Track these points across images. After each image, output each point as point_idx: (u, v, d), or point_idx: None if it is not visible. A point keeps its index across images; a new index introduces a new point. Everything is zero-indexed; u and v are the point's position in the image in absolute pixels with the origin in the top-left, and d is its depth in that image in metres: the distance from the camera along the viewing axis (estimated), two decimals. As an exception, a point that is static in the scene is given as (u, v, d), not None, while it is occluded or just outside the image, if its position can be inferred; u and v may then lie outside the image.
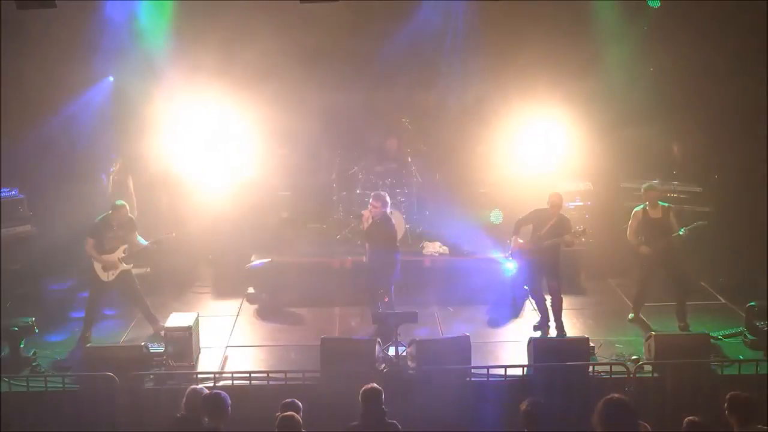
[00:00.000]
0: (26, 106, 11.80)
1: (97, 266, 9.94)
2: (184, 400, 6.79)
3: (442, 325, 10.48)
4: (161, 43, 12.50)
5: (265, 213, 13.22)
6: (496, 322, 10.59)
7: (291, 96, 13.13)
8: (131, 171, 12.85)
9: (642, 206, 10.14)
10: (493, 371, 8.66)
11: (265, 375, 8.44)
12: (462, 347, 8.84)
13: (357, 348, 8.92)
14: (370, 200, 9.92)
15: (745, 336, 9.61)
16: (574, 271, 12.25)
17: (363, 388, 6.51)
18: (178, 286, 11.85)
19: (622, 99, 12.79)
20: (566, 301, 10.13)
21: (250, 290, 11.30)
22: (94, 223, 10.08)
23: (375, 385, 6.61)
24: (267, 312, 11.04)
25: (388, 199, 9.97)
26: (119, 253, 9.97)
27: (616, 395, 5.46)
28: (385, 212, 9.90)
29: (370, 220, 9.91)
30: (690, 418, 6.24)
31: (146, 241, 10.15)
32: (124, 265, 9.99)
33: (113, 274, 9.96)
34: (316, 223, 13.08)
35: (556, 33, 12.48)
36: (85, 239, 9.99)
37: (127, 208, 10.13)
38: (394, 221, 11.78)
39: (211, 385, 8.22)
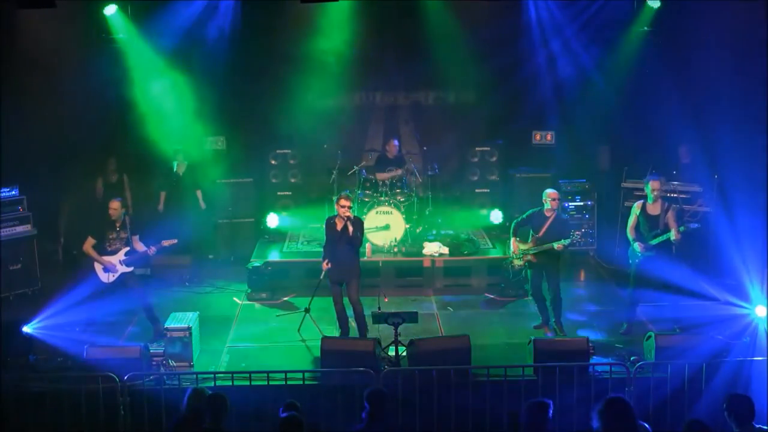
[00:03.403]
0: (27, 106, 11.79)
1: (98, 267, 9.86)
2: (184, 400, 6.79)
3: (442, 325, 10.48)
4: (159, 43, 12.53)
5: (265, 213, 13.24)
6: (496, 322, 10.59)
7: (291, 96, 13.15)
8: (127, 170, 12.88)
9: (641, 201, 10.04)
10: (493, 371, 8.65)
11: (265, 375, 8.44)
12: (462, 347, 8.85)
13: (357, 348, 8.92)
14: (341, 201, 9.54)
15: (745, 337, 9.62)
16: (575, 271, 12.28)
17: (369, 390, 6.48)
18: (178, 286, 11.86)
19: (621, 98, 12.82)
20: (566, 302, 10.12)
21: (250, 290, 11.40)
22: (97, 222, 10.01)
23: (381, 387, 6.59)
24: (267, 312, 11.05)
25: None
26: (120, 255, 9.84)
27: (617, 396, 5.48)
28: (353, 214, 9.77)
29: (343, 222, 9.59)
30: (691, 420, 6.23)
31: (147, 246, 9.92)
32: (125, 267, 9.88)
33: (114, 276, 9.85)
34: (316, 223, 13.08)
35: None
36: (86, 237, 9.86)
37: (118, 203, 9.82)
38: (393, 221, 11.90)
39: (211, 385, 8.21)
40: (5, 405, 8.13)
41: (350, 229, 9.52)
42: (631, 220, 10.01)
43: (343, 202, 9.54)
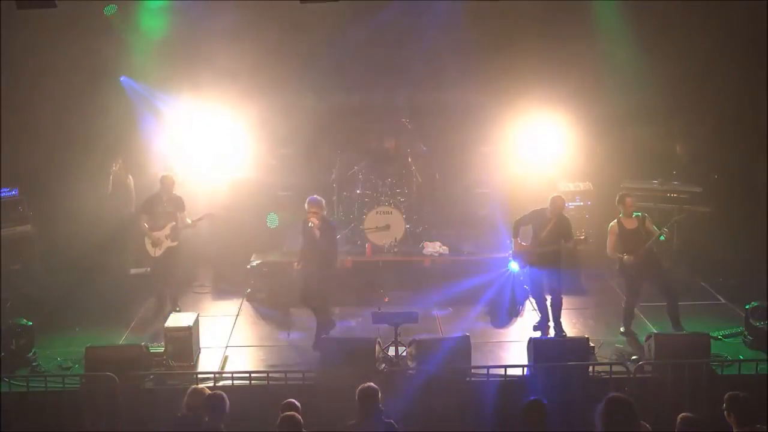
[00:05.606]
0: (27, 106, 11.79)
1: (147, 242, 10.38)
2: (184, 400, 6.80)
3: (442, 325, 10.48)
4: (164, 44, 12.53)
5: (265, 213, 13.22)
6: (496, 322, 10.59)
7: (291, 96, 13.14)
8: (131, 170, 12.88)
9: (615, 220, 9.97)
10: (493, 371, 8.66)
11: (265, 375, 8.44)
12: (462, 347, 8.85)
13: (357, 348, 8.93)
14: (308, 207, 9.69)
15: (745, 336, 9.62)
16: (574, 271, 12.26)
17: (360, 387, 6.52)
18: (178, 286, 11.86)
19: (622, 98, 12.80)
20: (566, 301, 10.13)
21: (249, 290, 11.39)
22: (144, 200, 10.62)
23: (372, 384, 6.62)
24: (267, 312, 11.06)
25: (323, 202, 9.86)
26: (166, 230, 10.34)
27: (619, 394, 5.48)
28: (325, 216, 9.82)
29: (317, 228, 9.70)
30: (684, 414, 6.24)
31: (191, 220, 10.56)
32: (170, 242, 10.36)
33: (160, 250, 10.37)
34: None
35: (556, 32, 12.49)
36: (139, 216, 10.54)
37: (172, 178, 10.52)
38: (393, 221, 11.89)
39: (211, 385, 8.22)
40: (5, 405, 8.14)
41: (316, 233, 9.73)
42: (611, 241, 9.92)
43: (314, 209, 9.68)
